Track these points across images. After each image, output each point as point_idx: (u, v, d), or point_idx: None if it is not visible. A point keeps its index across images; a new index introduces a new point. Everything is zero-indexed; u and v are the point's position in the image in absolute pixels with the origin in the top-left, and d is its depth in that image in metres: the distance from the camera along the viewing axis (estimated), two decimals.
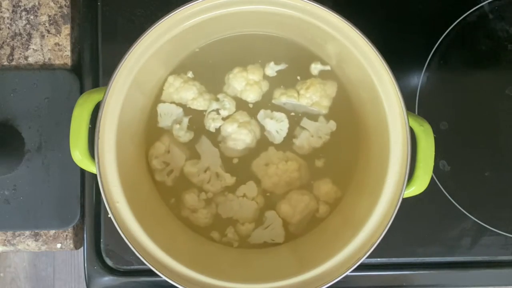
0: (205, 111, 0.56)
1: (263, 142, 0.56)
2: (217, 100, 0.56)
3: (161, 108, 0.56)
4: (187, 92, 0.55)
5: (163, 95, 0.56)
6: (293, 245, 0.55)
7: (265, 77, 0.56)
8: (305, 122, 0.56)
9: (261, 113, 0.56)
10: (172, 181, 0.56)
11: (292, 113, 0.56)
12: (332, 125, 0.56)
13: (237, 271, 0.52)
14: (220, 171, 0.55)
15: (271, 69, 0.56)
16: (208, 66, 0.57)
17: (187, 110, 0.56)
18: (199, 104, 0.55)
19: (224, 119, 0.55)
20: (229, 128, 0.55)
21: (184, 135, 0.56)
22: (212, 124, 0.55)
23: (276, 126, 0.56)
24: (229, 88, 0.56)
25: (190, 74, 0.56)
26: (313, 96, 0.55)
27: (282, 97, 0.55)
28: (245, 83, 0.55)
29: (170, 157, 0.55)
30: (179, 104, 0.56)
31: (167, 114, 0.56)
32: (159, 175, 0.56)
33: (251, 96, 0.55)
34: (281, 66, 0.56)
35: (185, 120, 0.56)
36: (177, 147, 0.55)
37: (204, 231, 0.56)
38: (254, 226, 0.56)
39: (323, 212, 0.56)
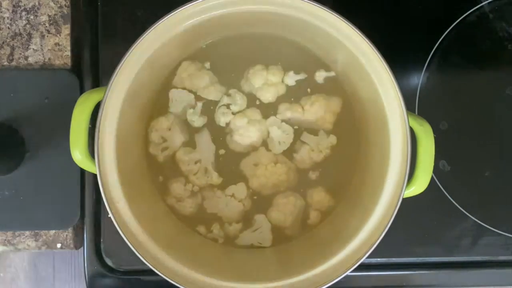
0: (214, 101, 0.56)
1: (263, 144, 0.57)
2: (229, 95, 0.56)
3: (174, 93, 0.56)
4: (199, 80, 0.55)
5: (174, 79, 0.56)
6: (289, 247, 0.56)
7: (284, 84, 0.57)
8: (305, 136, 0.56)
9: (271, 119, 0.56)
10: (163, 157, 0.56)
11: (296, 127, 0.56)
12: (333, 139, 0.56)
13: (235, 271, 0.52)
14: (209, 168, 0.55)
15: (291, 78, 0.56)
16: (219, 61, 0.57)
17: (197, 98, 0.56)
18: (210, 93, 0.55)
19: (234, 114, 0.55)
20: (239, 123, 0.55)
21: (197, 120, 0.56)
22: (222, 119, 0.55)
23: (280, 137, 0.56)
24: (247, 82, 0.56)
25: (207, 65, 0.56)
26: (318, 112, 0.55)
27: (287, 112, 0.55)
28: (263, 82, 0.55)
29: (170, 135, 0.55)
30: (190, 91, 0.56)
31: (179, 100, 0.56)
32: (154, 148, 0.56)
33: (267, 95, 0.55)
34: (301, 76, 0.56)
35: (199, 105, 0.56)
36: (179, 128, 0.55)
37: (191, 222, 0.56)
38: (242, 226, 0.56)
39: (314, 217, 0.56)
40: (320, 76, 0.56)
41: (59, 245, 0.61)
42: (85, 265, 0.61)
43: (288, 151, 0.56)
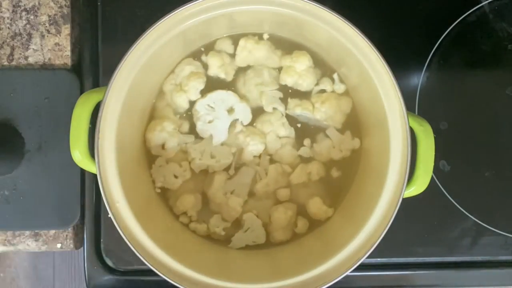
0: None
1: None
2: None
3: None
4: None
5: (170, 77, 0.56)
6: (296, 245, 0.56)
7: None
8: (331, 131, 0.55)
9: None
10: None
11: (309, 124, 0.56)
12: (356, 142, 0.55)
13: (237, 271, 0.52)
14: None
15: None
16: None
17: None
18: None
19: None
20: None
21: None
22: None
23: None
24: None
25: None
26: (328, 111, 0.55)
27: (297, 109, 0.55)
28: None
29: (170, 134, 0.55)
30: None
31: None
32: (154, 148, 0.56)
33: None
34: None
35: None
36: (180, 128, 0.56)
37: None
38: (232, 229, 0.55)
39: (309, 223, 0.56)
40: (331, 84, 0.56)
41: (59, 245, 0.61)
42: (85, 265, 0.61)
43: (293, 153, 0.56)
